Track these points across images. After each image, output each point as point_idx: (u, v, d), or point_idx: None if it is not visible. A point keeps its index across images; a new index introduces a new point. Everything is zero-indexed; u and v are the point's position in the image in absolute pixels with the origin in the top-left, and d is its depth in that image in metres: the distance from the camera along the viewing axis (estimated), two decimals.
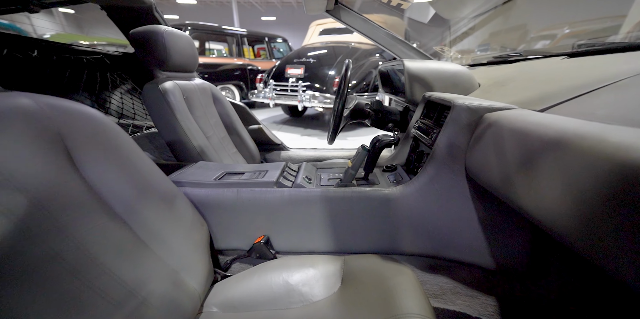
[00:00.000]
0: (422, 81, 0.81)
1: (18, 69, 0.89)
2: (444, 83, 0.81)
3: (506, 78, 0.77)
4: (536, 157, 0.38)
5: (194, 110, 1.05)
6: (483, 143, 0.52)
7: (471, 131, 0.59)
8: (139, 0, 0.97)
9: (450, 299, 0.65)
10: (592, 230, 0.29)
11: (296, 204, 0.69)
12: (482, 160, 0.52)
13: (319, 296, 0.59)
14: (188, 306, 0.51)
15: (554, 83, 0.58)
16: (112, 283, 0.42)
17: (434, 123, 0.71)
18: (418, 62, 0.83)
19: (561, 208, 0.33)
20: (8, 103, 0.39)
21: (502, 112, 0.54)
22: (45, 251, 0.36)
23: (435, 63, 0.83)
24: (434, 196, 0.64)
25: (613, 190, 0.27)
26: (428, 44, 1.59)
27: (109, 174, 0.49)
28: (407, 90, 0.83)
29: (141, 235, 0.50)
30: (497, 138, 0.48)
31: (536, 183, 0.38)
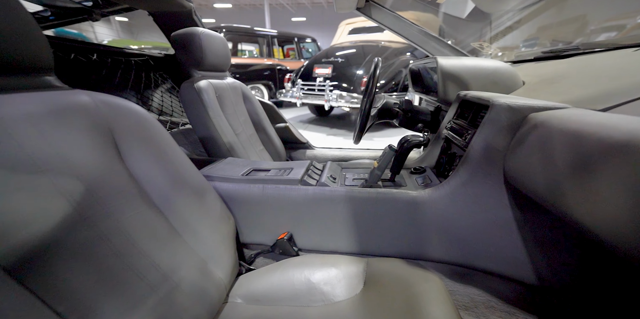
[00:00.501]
0: (456, 79, 0.77)
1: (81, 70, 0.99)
2: (481, 82, 0.76)
3: (557, 75, 0.70)
4: (595, 162, 0.34)
5: (225, 108, 1.09)
6: (527, 146, 0.48)
7: (512, 132, 0.54)
8: (180, 5, 1.03)
9: (483, 313, 0.61)
10: None
11: (320, 202, 0.69)
12: (525, 164, 0.47)
13: (340, 296, 0.58)
14: (215, 295, 0.53)
15: (621, 80, 0.52)
16: (148, 267, 0.44)
17: (468, 124, 0.67)
18: (453, 59, 0.79)
19: (627, 221, 0.29)
20: (72, 100, 0.43)
21: (551, 111, 0.49)
22: (96, 232, 0.40)
23: (473, 60, 0.79)
24: (466, 201, 0.61)
25: None
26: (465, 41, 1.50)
27: (148, 166, 0.52)
28: (440, 88, 0.79)
29: (174, 224, 0.53)
30: (545, 141, 0.44)
31: (594, 191, 0.33)
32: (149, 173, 0.52)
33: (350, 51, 3.83)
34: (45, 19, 1.10)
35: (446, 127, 0.77)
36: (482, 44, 1.21)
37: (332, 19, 12.86)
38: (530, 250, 0.59)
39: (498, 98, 0.56)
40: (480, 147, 0.58)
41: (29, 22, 0.40)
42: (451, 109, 0.78)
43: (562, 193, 0.38)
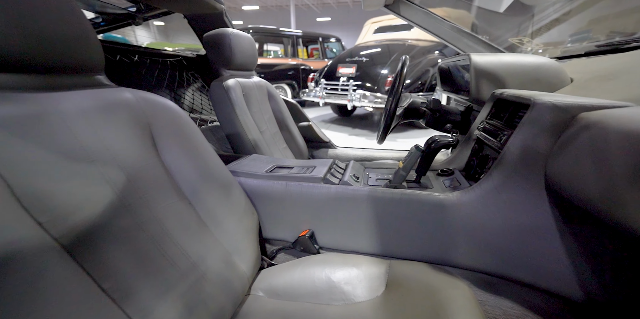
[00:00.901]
0: (491, 77, 0.73)
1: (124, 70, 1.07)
2: (521, 79, 0.71)
3: (614, 70, 0.63)
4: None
5: (251, 106, 1.12)
6: (576, 148, 0.44)
7: (557, 134, 0.50)
8: (212, 7, 1.07)
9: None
10: None
11: (342, 201, 0.69)
12: (574, 169, 0.43)
13: (361, 297, 0.57)
14: (238, 287, 0.55)
15: None
16: (179, 255, 0.47)
17: (504, 125, 0.63)
18: (488, 56, 0.75)
19: None
20: (117, 97, 0.47)
21: (608, 111, 0.44)
22: (134, 220, 0.43)
23: (511, 56, 0.74)
24: (500, 206, 0.57)
25: None
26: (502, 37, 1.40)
27: (180, 159, 0.55)
28: (473, 87, 0.76)
29: (202, 216, 0.56)
30: (599, 143, 0.40)
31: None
32: (180, 166, 0.55)
33: (375, 50, 3.77)
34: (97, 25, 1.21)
35: (478, 127, 0.73)
36: (522, 39, 1.13)
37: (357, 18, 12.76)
38: (575, 263, 0.54)
39: (541, 97, 0.52)
40: (518, 149, 0.54)
41: (88, 28, 0.44)
42: (484, 109, 0.74)
43: (621, 202, 0.34)
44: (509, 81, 0.72)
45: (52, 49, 0.39)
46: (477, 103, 0.81)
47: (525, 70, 0.71)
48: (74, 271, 0.33)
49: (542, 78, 0.69)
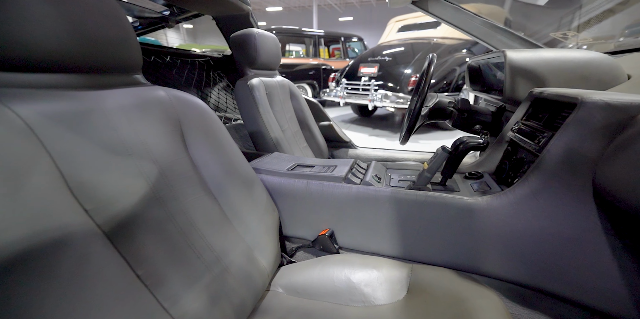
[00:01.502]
0: (529, 75, 0.68)
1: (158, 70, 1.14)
2: (566, 77, 0.66)
3: None
4: None
5: (273, 105, 1.13)
6: (635, 153, 0.40)
7: (610, 136, 0.46)
8: (239, 8, 1.10)
9: None
10: None
11: (363, 202, 0.68)
12: (632, 176, 0.39)
13: (381, 300, 0.56)
14: (259, 282, 0.56)
15: None
16: (205, 248, 0.48)
17: (543, 126, 0.59)
18: (525, 52, 0.70)
19: None
20: (152, 95, 0.50)
21: None
22: (165, 212, 0.45)
23: (554, 51, 0.69)
24: (536, 214, 0.53)
25: None
26: (541, 32, 1.29)
27: (206, 155, 0.57)
28: (507, 86, 0.71)
29: (226, 211, 0.57)
30: None
31: None
32: (206, 162, 0.56)
33: (399, 49, 3.69)
34: (135, 29, 1.29)
35: (512, 129, 0.69)
36: (567, 33, 1.04)
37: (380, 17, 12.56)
38: (629, 281, 0.49)
39: (590, 95, 0.48)
40: (561, 152, 0.50)
41: (131, 32, 0.46)
42: (520, 109, 0.70)
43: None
44: (550, 79, 0.67)
45: (99, 51, 0.41)
46: (512, 103, 0.76)
47: (570, 66, 0.65)
48: (113, 256, 0.35)
49: (591, 75, 0.63)
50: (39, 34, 0.35)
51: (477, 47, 3.49)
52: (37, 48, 0.35)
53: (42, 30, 0.35)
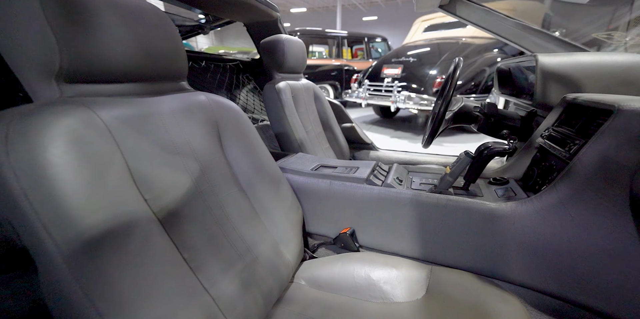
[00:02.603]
0: (563, 80, 0.66)
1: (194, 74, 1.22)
2: (605, 82, 0.63)
3: None
4: None
5: (298, 107, 1.18)
6: None
7: None
8: (269, 15, 1.16)
9: None
10: None
11: (384, 203, 0.70)
12: None
13: (400, 298, 0.58)
14: (284, 273, 0.60)
15: None
16: (237, 239, 0.53)
17: (575, 133, 0.58)
18: (560, 56, 0.68)
19: None
20: (195, 99, 0.56)
21: None
22: (205, 204, 0.50)
23: (592, 55, 0.66)
24: (565, 222, 0.52)
25: None
26: (582, 31, 1.20)
27: (239, 155, 0.62)
28: (538, 91, 0.70)
29: (255, 206, 0.62)
30: None
31: None
32: (238, 160, 0.62)
33: (424, 50, 3.62)
34: None
35: (542, 135, 0.68)
36: (612, 32, 0.96)
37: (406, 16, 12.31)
38: None
39: (629, 102, 0.47)
40: (594, 160, 0.49)
41: (181, 44, 0.53)
42: (551, 115, 0.68)
43: None
44: (587, 84, 0.65)
45: (157, 62, 0.48)
46: (543, 108, 0.75)
47: (611, 71, 0.63)
48: (166, 240, 0.41)
49: (636, 80, 0.61)
50: (116, 51, 0.41)
51: (510, 47, 3.34)
52: (114, 63, 0.42)
53: (119, 48, 0.41)
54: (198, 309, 0.41)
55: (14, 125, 0.32)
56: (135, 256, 0.35)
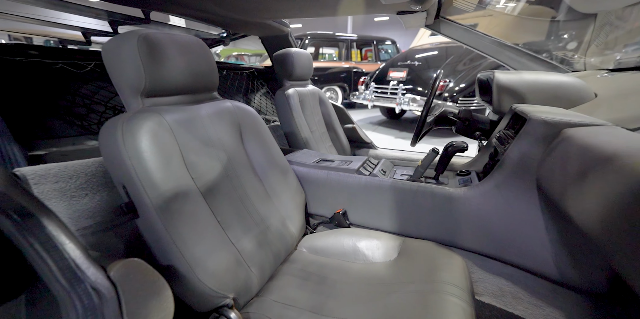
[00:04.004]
0: (513, 93, 0.82)
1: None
2: (542, 96, 0.79)
3: (636, 89, 0.69)
4: (589, 170, 0.43)
5: (304, 110, 1.36)
6: (554, 157, 0.55)
7: (546, 144, 0.61)
8: (281, 31, 1.35)
9: (510, 303, 0.67)
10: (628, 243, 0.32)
11: (370, 189, 0.87)
12: (550, 172, 0.55)
13: (377, 259, 0.76)
14: (289, 241, 0.79)
15: None
16: (254, 211, 0.72)
17: (514, 134, 0.74)
18: (510, 74, 0.84)
19: (596, 215, 0.37)
20: (224, 106, 0.75)
21: (582, 128, 0.55)
22: (231, 185, 0.69)
23: (534, 74, 0.82)
24: (499, 201, 0.69)
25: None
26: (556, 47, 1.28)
27: (256, 148, 0.81)
28: (495, 100, 0.86)
29: (267, 190, 0.80)
30: (565, 153, 0.52)
31: (584, 193, 0.41)
32: (255, 153, 0.80)
33: (430, 53, 3.74)
34: None
35: (495, 135, 0.84)
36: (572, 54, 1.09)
37: None
38: (559, 251, 0.64)
39: (536, 113, 0.63)
40: (516, 155, 0.66)
41: (214, 65, 0.71)
42: (504, 120, 0.84)
43: (567, 196, 0.47)
44: (529, 97, 0.80)
45: (199, 79, 0.67)
46: (499, 114, 0.90)
47: (546, 87, 0.79)
48: (206, 207, 0.60)
49: (562, 95, 0.76)
50: (175, 73, 0.61)
51: None
52: (173, 82, 0.61)
53: (177, 71, 0.61)
54: (229, 254, 0.60)
55: (124, 127, 0.52)
56: (189, 213, 0.55)
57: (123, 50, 0.54)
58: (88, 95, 0.85)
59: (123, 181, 0.52)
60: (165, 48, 0.58)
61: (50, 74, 0.80)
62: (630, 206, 0.33)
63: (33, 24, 0.85)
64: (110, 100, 0.90)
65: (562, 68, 1.10)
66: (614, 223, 0.34)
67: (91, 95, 0.86)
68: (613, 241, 0.34)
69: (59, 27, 1.02)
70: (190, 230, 0.54)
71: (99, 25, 1.18)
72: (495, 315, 0.68)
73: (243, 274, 0.62)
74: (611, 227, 0.35)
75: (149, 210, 0.51)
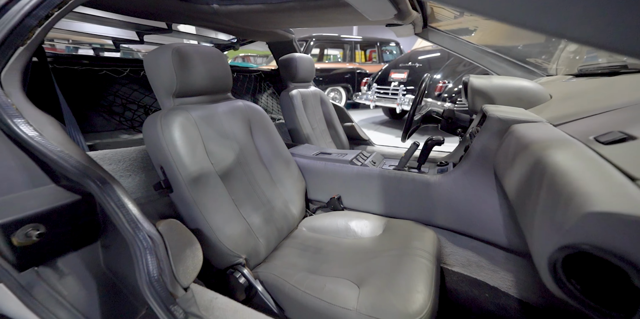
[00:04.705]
0: (484, 95, 0.95)
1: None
2: (507, 98, 0.92)
3: (578, 92, 0.81)
4: (515, 156, 0.56)
5: (306, 109, 1.50)
6: (503, 147, 0.68)
7: (500, 137, 0.74)
8: (286, 37, 1.50)
9: (474, 270, 0.82)
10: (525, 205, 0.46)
11: (361, 177, 1.01)
12: (499, 160, 0.68)
13: (365, 235, 0.90)
14: (291, 221, 0.93)
15: (597, 103, 0.65)
16: (261, 193, 0.86)
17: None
18: (483, 79, 0.97)
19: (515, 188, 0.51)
20: (236, 105, 0.89)
21: (524, 124, 0.68)
22: (243, 171, 0.84)
23: (501, 79, 0.95)
24: (465, 186, 0.83)
25: (535, 176, 0.44)
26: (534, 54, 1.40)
27: (263, 142, 0.95)
28: (469, 101, 0.99)
29: (273, 177, 0.95)
30: (508, 143, 0.65)
31: (512, 172, 0.55)
32: (263, 146, 0.95)
33: (432, 55, 3.84)
34: None
35: (469, 132, 0.97)
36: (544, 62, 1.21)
37: None
38: (508, 224, 0.76)
39: (494, 112, 0.76)
40: (479, 147, 0.79)
41: (229, 70, 0.86)
42: (476, 118, 0.97)
43: (505, 176, 0.60)
44: (497, 98, 0.93)
45: (216, 82, 0.82)
46: (474, 113, 1.03)
47: (510, 90, 0.91)
48: (223, 187, 0.74)
49: (523, 97, 0.89)
50: (198, 78, 0.75)
51: None
52: (197, 85, 0.76)
53: (200, 76, 0.75)
54: (242, 225, 0.75)
55: (162, 121, 0.67)
56: (211, 190, 0.69)
57: (160, 60, 0.69)
58: (124, 96, 1.01)
59: (161, 163, 0.67)
60: (192, 58, 0.73)
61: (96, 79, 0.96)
62: (528, 176, 0.46)
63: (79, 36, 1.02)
64: (141, 100, 1.06)
65: (538, 72, 1.22)
66: (520, 190, 0.48)
67: (126, 96, 1.01)
68: (518, 203, 0.48)
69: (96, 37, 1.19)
70: (212, 203, 0.69)
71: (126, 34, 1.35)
72: (463, 281, 0.81)
73: (252, 241, 0.77)
74: (518, 193, 0.49)
75: (181, 186, 0.66)
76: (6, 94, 0.51)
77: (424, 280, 0.64)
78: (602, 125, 0.49)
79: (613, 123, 0.48)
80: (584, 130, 0.51)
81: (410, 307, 0.56)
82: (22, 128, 0.50)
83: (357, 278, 0.67)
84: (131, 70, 1.04)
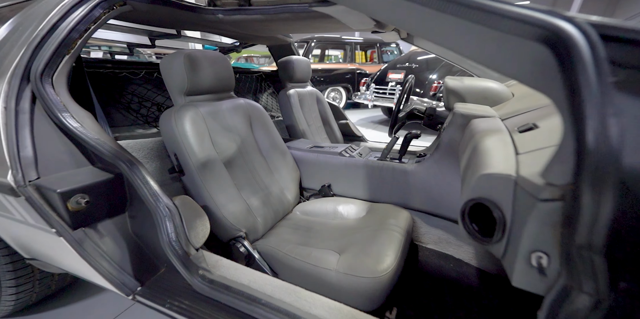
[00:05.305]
0: (457, 94, 1.07)
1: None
2: (475, 97, 1.04)
3: (532, 93, 0.93)
4: (466, 143, 0.69)
5: (303, 107, 1.63)
6: (464, 138, 0.81)
7: (463, 130, 0.86)
8: (285, 41, 1.62)
9: (444, 246, 0.94)
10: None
11: (349, 167, 1.14)
12: (460, 149, 0.81)
13: (351, 217, 1.02)
14: (286, 205, 1.06)
15: (537, 101, 0.77)
16: (260, 180, 1.00)
17: None
18: (456, 80, 1.09)
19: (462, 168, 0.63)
20: (238, 102, 1.02)
21: (480, 119, 0.80)
22: (244, 160, 0.97)
23: (471, 80, 1.07)
24: (436, 172, 0.95)
25: (471, 156, 0.57)
26: None
27: (262, 136, 1.08)
28: (445, 100, 1.11)
29: (270, 166, 1.08)
30: (466, 135, 0.77)
31: (463, 157, 0.68)
32: (262, 139, 1.08)
33: (431, 56, 3.95)
34: None
35: (444, 127, 1.09)
36: None
37: None
38: None
39: (459, 109, 0.88)
40: (447, 139, 0.91)
41: (232, 72, 0.99)
42: (450, 115, 1.09)
43: (461, 161, 0.72)
44: (467, 97, 1.05)
45: (221, 83, 0.95)
46: (449, 110, 1.16)
47: (478, 90, 1.03)
48: (227, 173, 0.87)
49: (489, 96, 1.01)
50: (205, 79, 0.88)
51: None
52: (204, 85, 0.89)
53: (207, 77, 0.88)
54: (242, 205, 0.88)
55: (175, 115, 0.80)
56: (216, 175, 0.83)
57: (174, 64, 0.82)
58: (139, 95, 1.15)
59: (174, 150, 0.81)
60: (200, 62, 0.86)
61: (116, 80, 1.09)
62: (469, 157, 0.59)
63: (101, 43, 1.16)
64: (154, 98, 1.20)
65: None
66: (464, 168, 0.60)
67: (141, 95, 1.15)
68: (462, 179, 0.60)
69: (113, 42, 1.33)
70: (217, 185, 0.82)
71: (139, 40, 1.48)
72: (434, 255, 0.94)
73: (251, 219, 0.90)
74: (463, 170, 0.61)
75: (191, 170, 0.79)
76: (57, 93, 0.64)
77: (393, 248, 0.76)
78: (529, 119, 0.61)
79: (535, 117, 0.60)
80: (516, 122, 0.63)
81: (380, 266, 0.69)
82: (68, 120, 0.64)
83: (339, 248, 0.80)
84: (146, 72, 1.18)
